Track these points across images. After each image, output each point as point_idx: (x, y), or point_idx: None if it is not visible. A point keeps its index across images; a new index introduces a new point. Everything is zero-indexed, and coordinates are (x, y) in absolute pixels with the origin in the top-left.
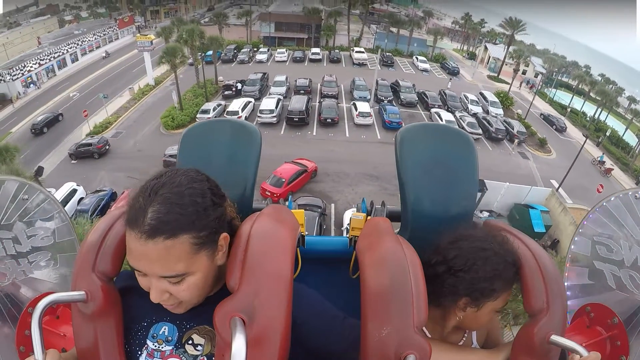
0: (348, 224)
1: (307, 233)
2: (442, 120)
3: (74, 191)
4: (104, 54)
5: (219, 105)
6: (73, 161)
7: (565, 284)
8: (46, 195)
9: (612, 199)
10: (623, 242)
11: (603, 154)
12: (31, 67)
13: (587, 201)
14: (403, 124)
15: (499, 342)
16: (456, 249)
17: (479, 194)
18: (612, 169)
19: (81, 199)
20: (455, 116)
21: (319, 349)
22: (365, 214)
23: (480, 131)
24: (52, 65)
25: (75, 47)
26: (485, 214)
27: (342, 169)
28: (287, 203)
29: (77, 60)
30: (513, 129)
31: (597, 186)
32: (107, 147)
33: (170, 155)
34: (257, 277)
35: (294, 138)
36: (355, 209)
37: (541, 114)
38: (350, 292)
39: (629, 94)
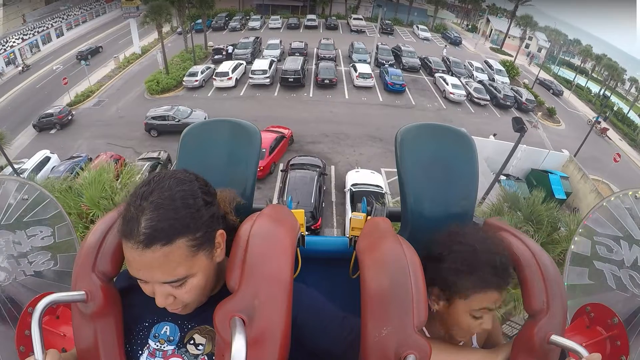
0: (352, 185)
1: (307, 233)
2: (447, 84)
3: (47, 159)
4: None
5: (207, 68)
6: (52, 133)
7: (565, 284)
8: (46, 195)
9: (612, 199)
10: (623, 242)
11: (598, 115)
12: (13, 42)
13: (601, 172)
14: (406, 87)
15: (500, 343)
16: (439, 242)
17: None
18: (608, 129)
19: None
20: (460, 81)
21: (318, 349)
22: (365, 214)
23: (487, 97)
24: (35, 40)
25: (61, 22)
26: (503, 177)
27: (342, 130)
28: (287, 203)
29: (63, 35)
30: (522, 97)
31: (614, 155)
32: (70, 117)
33: (153, 117)
34: (257, 277)
35: (289, 100)
36: (358, 169)
37: (536, 79)
38: (350, 292)
39: (631, 75)
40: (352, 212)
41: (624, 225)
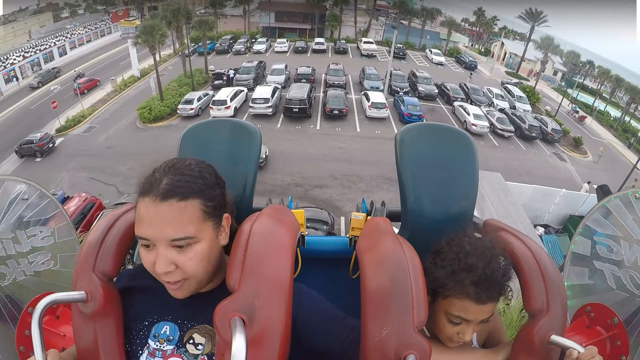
0: None
1: (307, 233)
2: (469, 114)
3: None
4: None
5: (205, 94)
6: (37, 160)
7: (565, 284)
8: (46, 195)
9: (612, 199)
10: (623, 242)
11: (576, 105)
12: (14, 59)
13: None
14: (424, 118)
15: (501, 342)
16: (442, 240)
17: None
18: (586, 117)
19: None
20: (481, 110)
21: (318, 349)
22: (365, 214)
23: (512, 128)
24: (37, 58)
25: (64, 40)
26: (541, 229)
27: (354, 170)
28: (287, 203)
29: (66, 54)
30: (547, 127)
31: None
32: (51, 145)
33: None
34: (257, 277)
35: (294, 132)
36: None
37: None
38: (350, 292)
39: None
40: None
41: (624, 225)
